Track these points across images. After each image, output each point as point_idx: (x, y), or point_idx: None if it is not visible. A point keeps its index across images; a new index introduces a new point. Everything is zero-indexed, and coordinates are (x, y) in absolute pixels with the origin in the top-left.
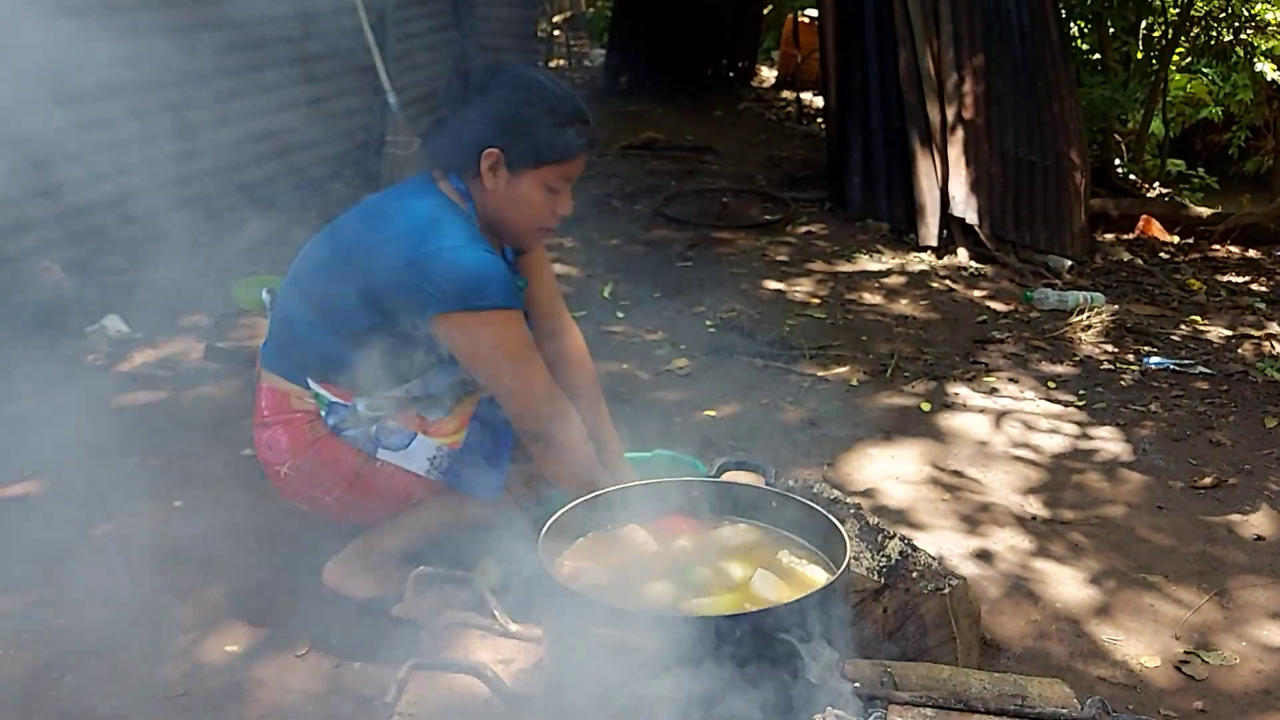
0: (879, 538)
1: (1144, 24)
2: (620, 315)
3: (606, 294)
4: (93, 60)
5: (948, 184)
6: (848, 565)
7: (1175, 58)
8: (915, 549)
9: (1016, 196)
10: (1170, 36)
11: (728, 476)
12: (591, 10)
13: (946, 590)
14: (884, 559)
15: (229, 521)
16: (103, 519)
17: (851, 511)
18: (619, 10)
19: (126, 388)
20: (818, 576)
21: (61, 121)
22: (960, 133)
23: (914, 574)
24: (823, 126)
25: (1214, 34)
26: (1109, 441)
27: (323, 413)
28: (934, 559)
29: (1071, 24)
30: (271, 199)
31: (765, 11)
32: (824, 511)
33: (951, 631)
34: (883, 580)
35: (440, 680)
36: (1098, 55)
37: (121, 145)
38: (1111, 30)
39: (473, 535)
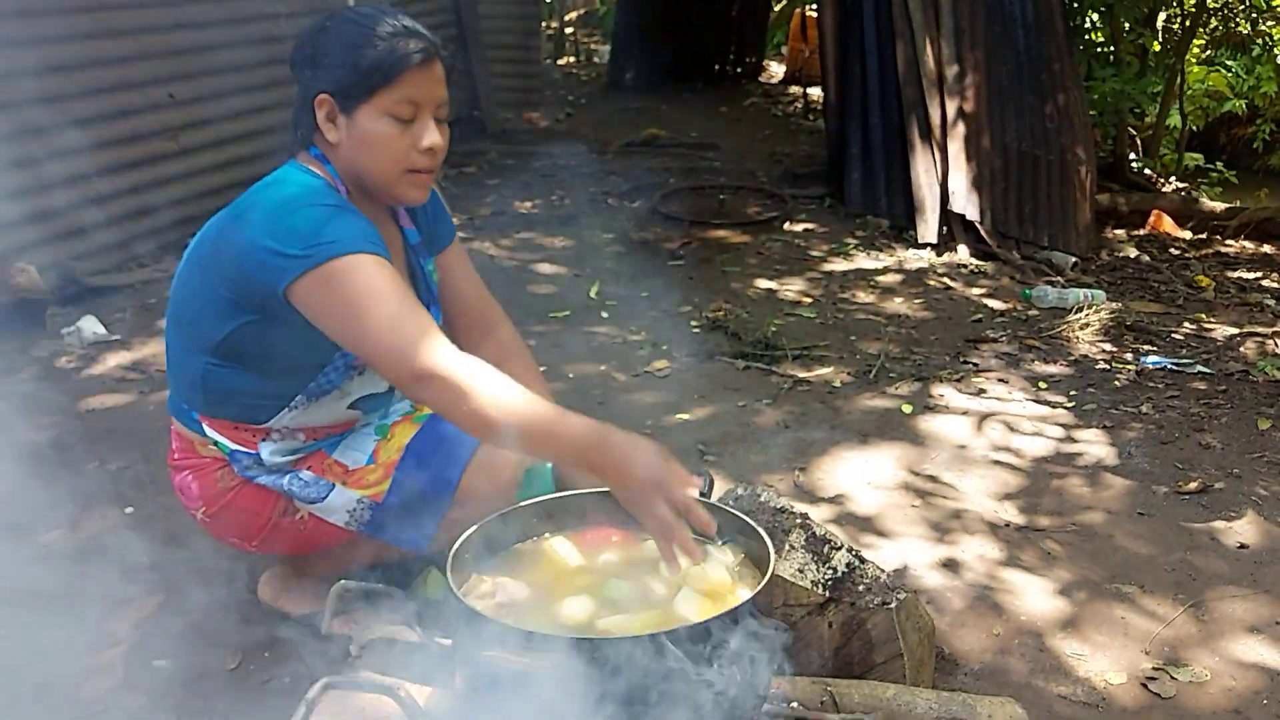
0: (825, 549)
1: (1161, 16)
2: (605, 315)
3: (593, 294)
4: (86, 58)
5: (948, 179)
6: (769, 580)
7: (1194, 50)
8: (863, 561)
9: (1019, 192)
10: (1187, 28)
11: None
12: (604, 7)
13: (894, 604)
14: (830, 571)
15: (175, 531)
16: (51, 526)
17: (798, 521)
18: (624, 7)
19: (95, 390)
20: (745, 593)
21: (46, 121)
22: (961, 127)
23: (860, 587)
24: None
25: (1232, 25)
26: (1094, 444)
27: (228, 459)
28: (882, 571)
29: (1083, 16)
30: None
31: (779, 7)
32: (753, 524)
33: (899, 648)
34: (827, 594)
35: (353, 701)
36: (1111, 48)
37: (107, 146)
38: (1125, 23)
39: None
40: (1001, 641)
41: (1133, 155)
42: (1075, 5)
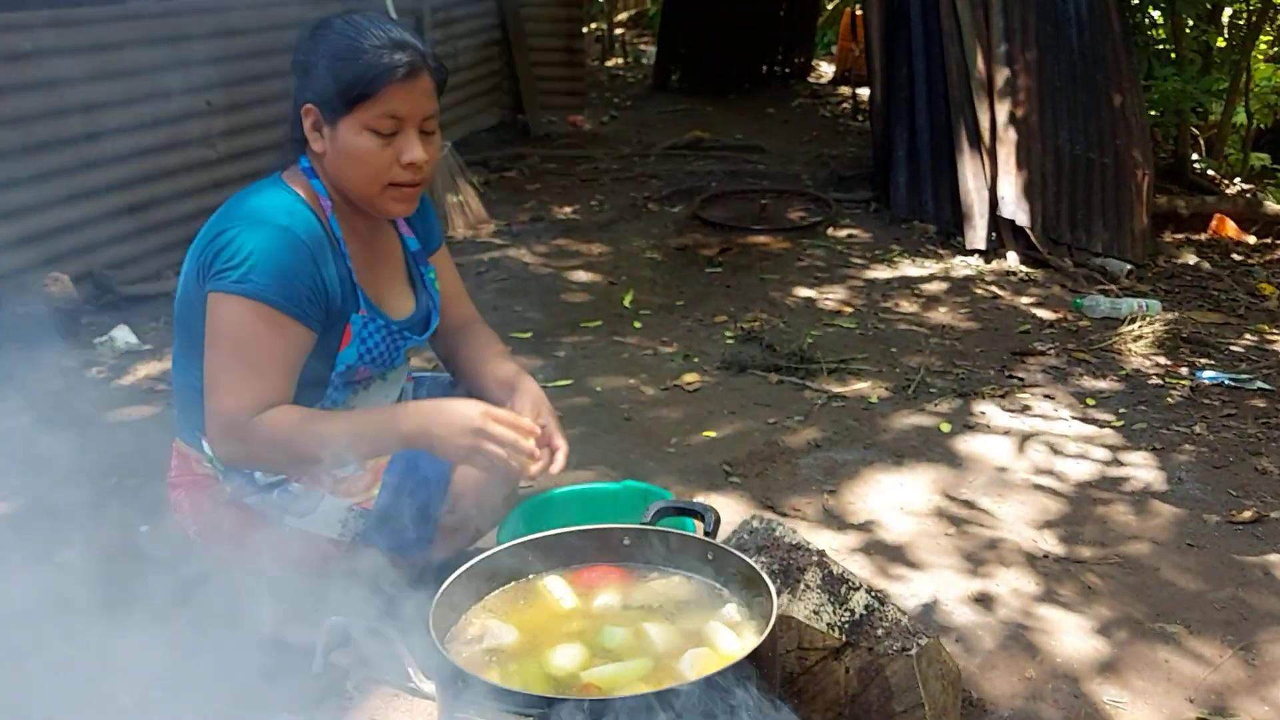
0: (843, 589)
1: (1226, 11)
2: (637, 325)
3: (627, 303)
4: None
5: (997, 184)
6: (768, 637)
7: (1260, 46)
8: (883, 603)
9: (1072, 196)
10: (1253, 23)
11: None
12: (654, 8)
13: (915, 650)
14: (847, 613)
15: (185, 552)
16: (67, 543)
17: (814, 559)
18: (669, 7)
19: (123, 402)
20: (751, 643)
21: (81, 130)
22: (1011, 130)
23: (879, 631)
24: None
25: None
26: (1142, 468)
27: (220, 478)
28: (904, 614)
29: (1143, 14)
30: None
31: (831, 6)
32: (758, 569)
33: (920, 697)
34: (844, 638)
35: None
36: (1172, 46)
37: (141, 155)
38: (1188, 19)
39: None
40: (1034, 686)
41: (1195, 156)
42: (1135, 3)
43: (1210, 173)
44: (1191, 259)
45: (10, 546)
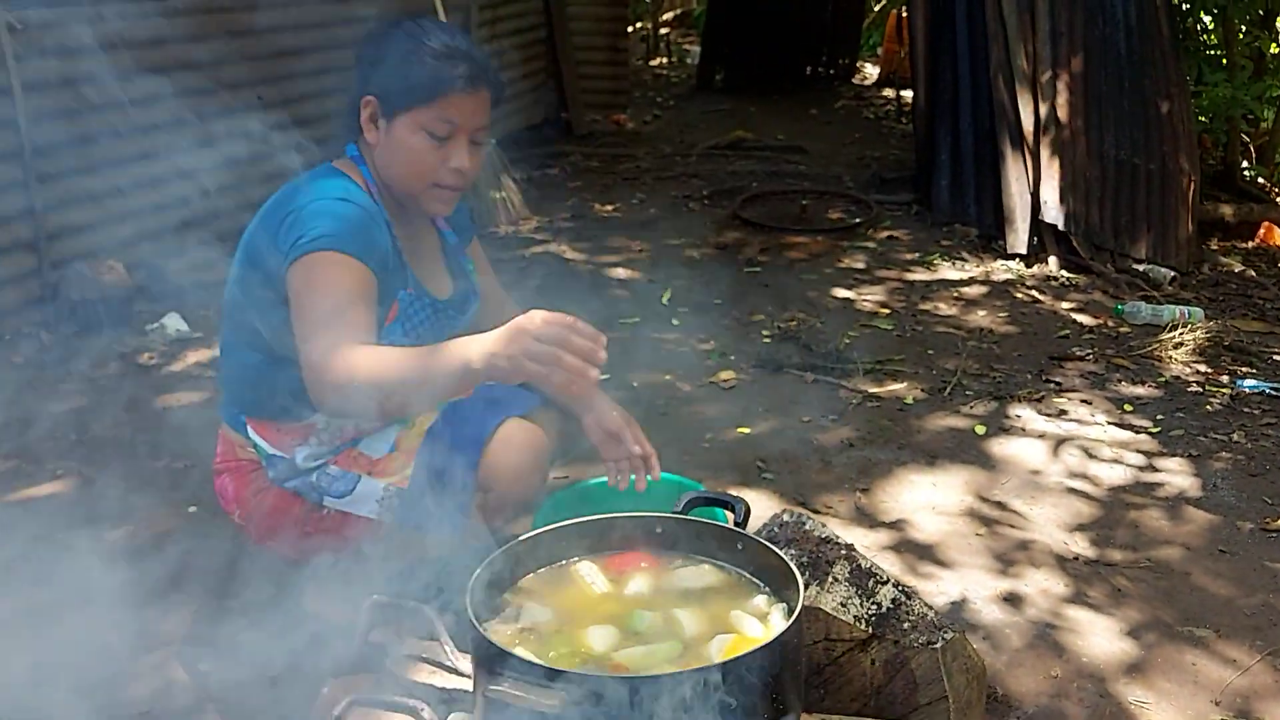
0: (871, 583)
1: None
2: (675, 323)
3: (665, 300)
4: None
5: (1040, 188)
6: (793, 624)
7: None
8: (910, 597)
9: (1115, 202)
10: None
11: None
12: (700, 8)
13: (939, 644)
14: (874, 606)
15: (231, 532)
16: (117, 523)
17: (843, 553)
18: (715, 8)
19: (173, 387)
20: (777, 628)
21: (135, 123)
22: (1054, 134)
23: (905, 624)
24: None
25: None
26: (1177, 474)
27: (263, 464)
28: (930, 609)
29: (1195, 19)
30: None
31: (878, 8)
32: (785, 558)
33: (944, 689)
34: (870, 630)
35: (377, 717)
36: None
37: (191, 146)
38: (1240, 25)
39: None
40: (1059, 684)
41: (1245, 163)
42: (1186, 8)
43: (1260, 180)
44: (1238, 267)
45: (63, 523)
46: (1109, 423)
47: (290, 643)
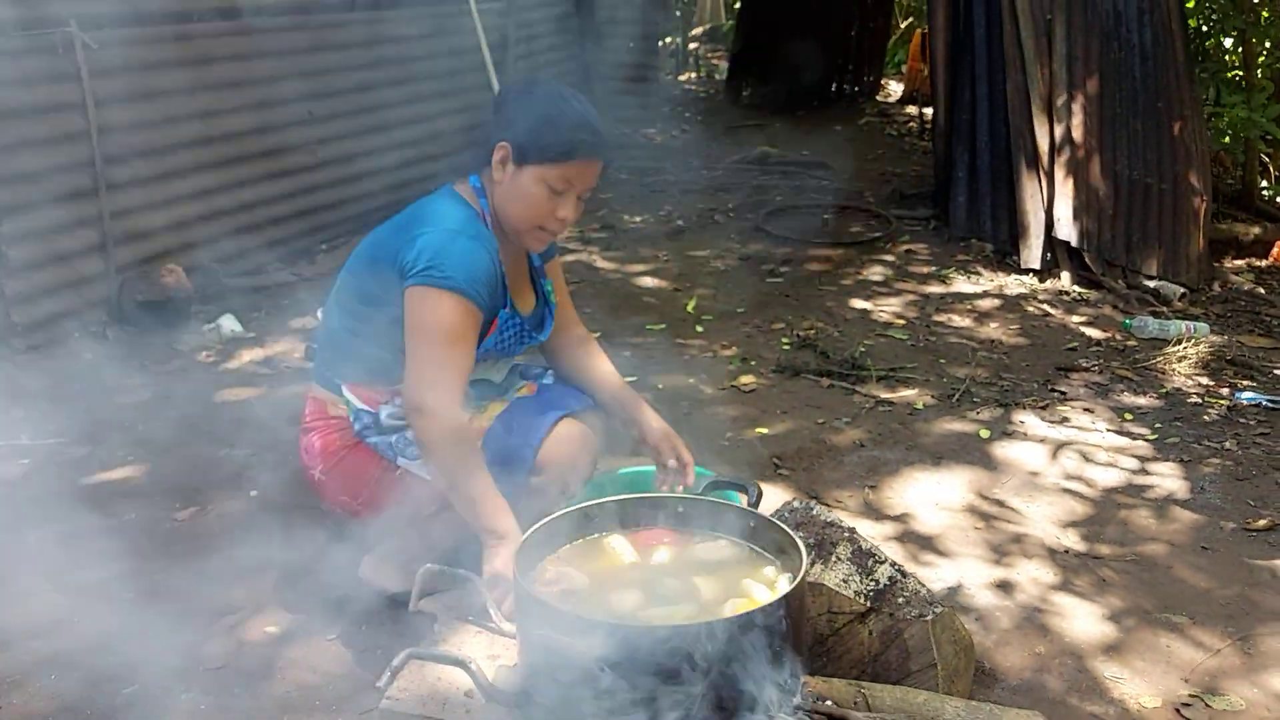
0: (870, 562)
1: None
2: (699, 330)
3: (690, 308)
4: (235, 77)
5: (1053, 205)
6: (801, 579)
7: None
8: (905, 575)
9: (1128, 220)
10: None
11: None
12: (729, 24)
13: (930, 617)
14: (872, 583)
15: (289, 513)
16: (185, 504)
17: (845, 535)
18: (743, 24)
19: (230, 383)
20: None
21: (197, 135)
22: (1069, 152)
23: (900, 599)
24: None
25: None
26: (1168, 478)
27: (350, 418)
28: (923, 586)
29: (1215, 41)
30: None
31: (904, 25)
32: (791, 532)
33: (934, 658)
34: (869, 604)
35: (430, 670)
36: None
37: (249, 159)
38: (1260, 48)
39: None
40: (1042, 660)
41: (1265, 183)
42: (1205, 30)
43: (1279, 200)
44: (1248, 284)
45: (134, 506)
46: (1108, 430)
47: (345, 609)
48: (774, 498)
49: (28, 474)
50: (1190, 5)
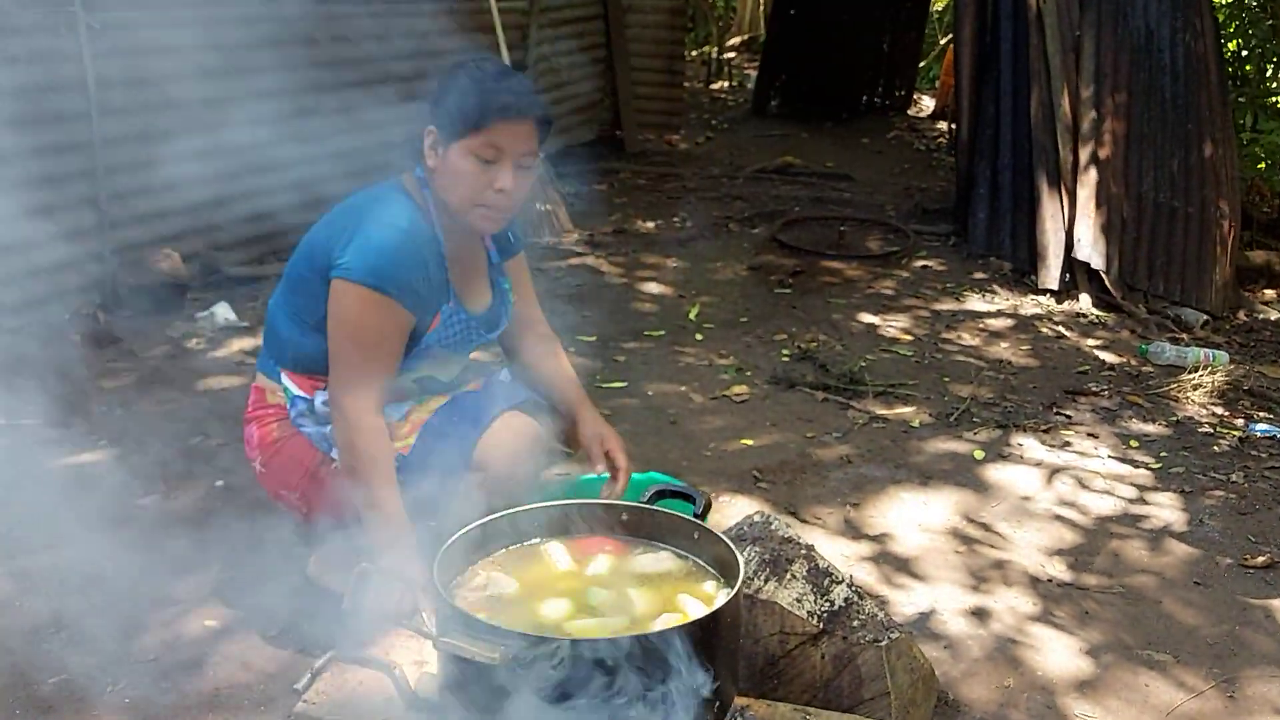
0: (826, 582)
1: None
2: (699, 338)
3: (692, 316)
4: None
5: (1074, 225)
6: (729, 603)
7: None
8: (862, 597)
9: (1151, 243)
10: None
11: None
12: (766, 34)
13: (885, 642)
14: (827, 604)
15: (252, 505)
16: (149, 490)
17: (803, 552)
18: (773, 34)
19: (216, 372)
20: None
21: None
22: (1092, 173)
23: (855, 622)
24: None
25: None
26: (1166, 509)
27: (287, 405)
28: (880, 610)
29: (1253, 66)
30: None
31: (944, 41)
32: (733, 547)
33: (886, 685)
34: (821, 626)
35: (353, 674)
36: None
37: (253, 148)
38: None
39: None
40: (1009, 694)
41: None
42: (1244, 54)
43: None
44: (1275, 314)
45: (99, 490)
46: (1110, 456)
47: (290, 606)
48: (748, 511)
49: None
50: (1230, 29)
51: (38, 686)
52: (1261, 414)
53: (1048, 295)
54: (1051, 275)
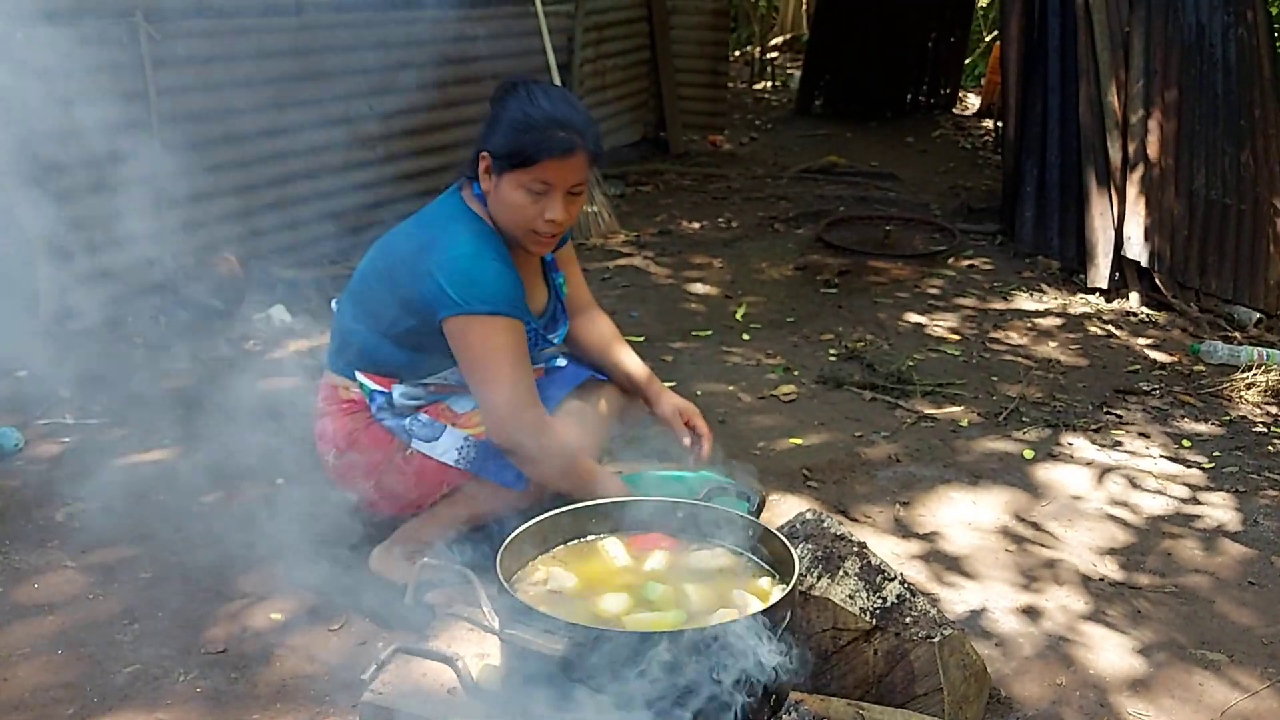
0: (878, 579)
1: None
2: (746, 338)
3: (739, 315)
4: (279, 74)
5: (1124, 223)
6: (785, 598)
7: None
8: (914, 594)
9: (1203, 241)
10: None
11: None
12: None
13: (938, 639)
14: (879, 600)
15: (311, 501)
16: (213, 488)
17: (855, 549)
18: (816, 33)
19: (273, 372)
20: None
21: (257, 127)
22: (1142, 170)
23: (908, 619)
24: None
25: None
26: (1220, 509)
27: (366, 399)
28: (933, 607)
29: None
30: None
31: (989, 38)
32: (788, 544)
33: (940, 681)
34: (874, 622)
35: (417, 665)
36: None
37: (309, 153)
38: None
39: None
40: (1062, 692)
41: None
42: None
43: None
44: None
45: (165, 488)
46: (1162, 456)
47: (353, 599)
48: (798, 510)
49: (66, 452)
50: None
51: (113, 676)
52: None
53: (1097, 294)
54: (1101, 274)
